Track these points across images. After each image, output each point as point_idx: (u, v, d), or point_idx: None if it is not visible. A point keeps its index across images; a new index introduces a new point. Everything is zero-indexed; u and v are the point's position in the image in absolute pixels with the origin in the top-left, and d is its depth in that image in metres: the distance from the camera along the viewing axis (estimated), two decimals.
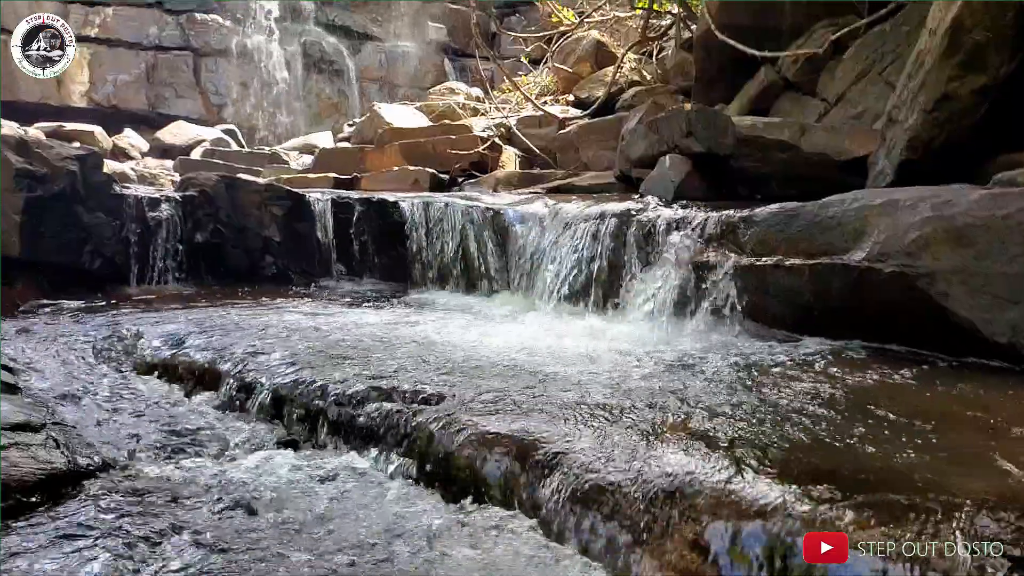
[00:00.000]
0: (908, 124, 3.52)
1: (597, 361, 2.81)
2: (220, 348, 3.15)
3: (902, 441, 1.88)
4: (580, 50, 8.64)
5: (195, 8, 14.99)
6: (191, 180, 5.07)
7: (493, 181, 6.52)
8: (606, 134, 6.69)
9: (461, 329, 3.46)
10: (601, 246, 3.81)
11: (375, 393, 2.42)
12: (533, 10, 15.09)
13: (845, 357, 2.89)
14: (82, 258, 4.48)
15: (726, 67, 6.06)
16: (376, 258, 5.02)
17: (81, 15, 14.44)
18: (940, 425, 2.03)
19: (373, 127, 8.45)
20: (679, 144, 4.47)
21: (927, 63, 3.45)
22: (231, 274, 5.03)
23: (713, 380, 2.52)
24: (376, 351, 3.00)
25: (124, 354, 3.22)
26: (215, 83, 14.76)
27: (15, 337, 3.28)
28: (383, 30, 16.22)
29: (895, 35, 4.80)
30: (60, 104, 13.96)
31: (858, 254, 2.98)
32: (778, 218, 3.33)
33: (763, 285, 3.27)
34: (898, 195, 3.04)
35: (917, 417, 2.11)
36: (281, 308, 4.12)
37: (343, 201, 5.14)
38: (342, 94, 15.65)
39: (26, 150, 4.39)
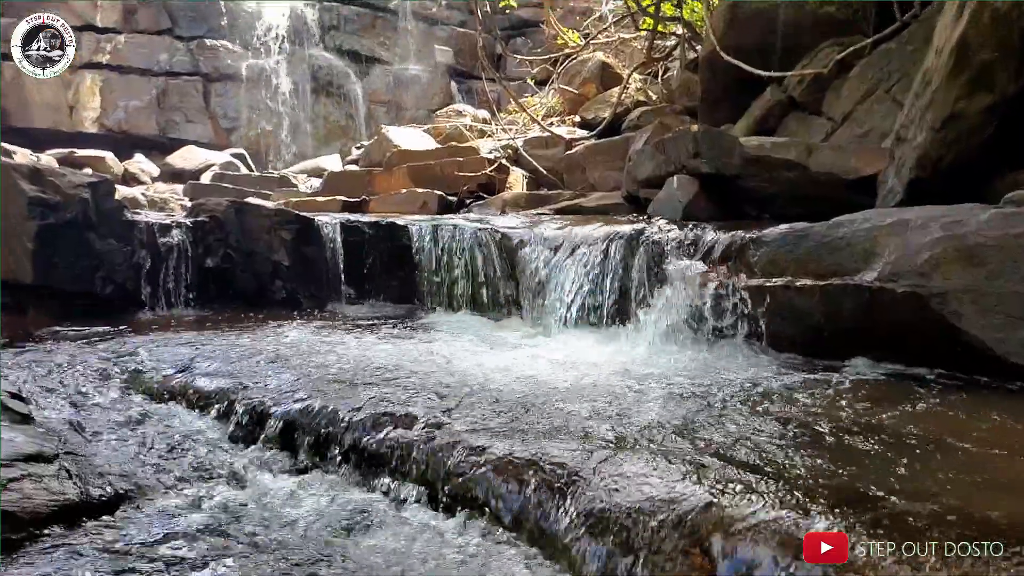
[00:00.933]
0: (917, 142, 3.51)
1: (608, 385, 2.80)
2: (230, 374, 3.15)
3: (921, 465, 1.86)
4: (585, 71, 8.70)
5: (205, 34, 15.20)
6: (201, 206, 5.11)
7: (501, 203, 6.55)
8: (613, 154, 6.72)
9: (471, 353, 3.45)
10: (610, 268, 3.81)
11: (385, 419, 2.42)
12: (538, 32, 15.23)
13: (857, 378, 2.87)
14: (94, 284, 4.51)
15: (731, 87, 6.08)
16: (385, 281, 5.03)
17: (93, 42, 14.66)
18: (956, 447, 2.00)
19: (381, 150, 8.51)
20: (686, 165, 4.48)
21: (934, 82, 3.45)
22: (241, 298, 5.05)
23: (723, 403, 2.51)
24: (386, 376, 2.99)
25: (135, 381, 3.22)
26: (224, 107, 14.93)
27: (28, 365, 3.29)
28: (390, 54, 16.39)
29: (900, 54, 4.81)
30: (72, 130, 14.14)
31: (869, 274, 2.97)
32: (787, 239, 3.33)
33: (773, 306, 3.25)
34: (908, 215, 3.03)
35: (933, 439, 2.09)
36: (290, 333, 4.13)
37: (352, 225, 5.17)
38: (350, 117, 15.80)
39: (39, 178, 4.43)
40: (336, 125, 15.64)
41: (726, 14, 5.89)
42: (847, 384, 2.75)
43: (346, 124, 15.72)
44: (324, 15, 15.84)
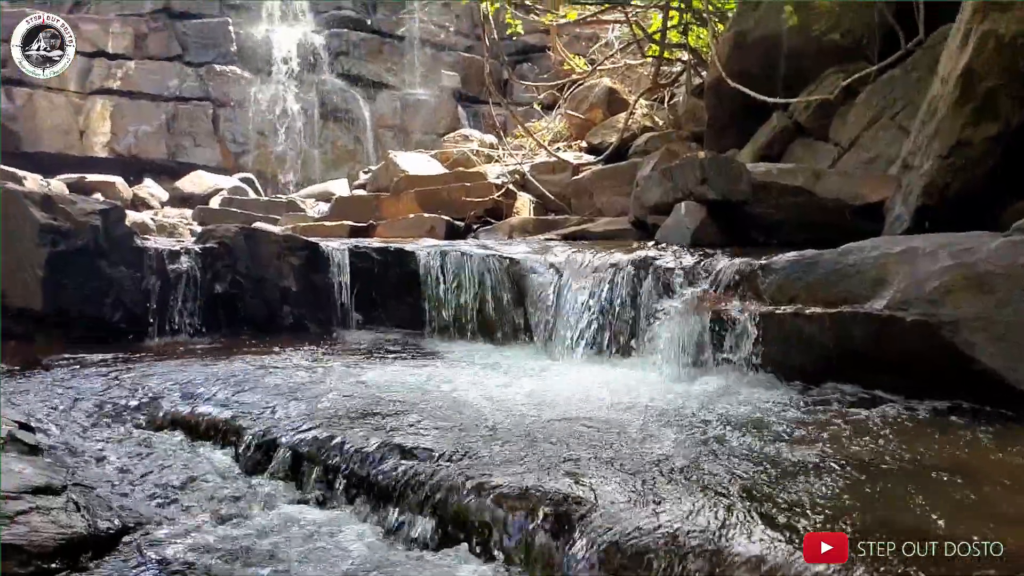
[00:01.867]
0: (924, 170, 3.52)
1: (618, 416, 2.78)
2: (238, 403, 3.15)
3: (936, 497, 1.84)
4: (592, 97, 8.77)
5: (214, 60, 15.40)
6: (211, 232, 5.14)
7: (508, 228, 6.57)
8: (620, 180, 6.75)
9: (479, 382, 3.45)
10: (618, 295, 3.82)
11: (394, 451, 2.41)
12: (544, 58, 15.37)
13: (868, 407, 2.85)
14: (103, 311, 4.52)
15: (737, 113, 6.12)
16: (393, 307, 5.04)
17: (104, 68, 14.87)
18: (971, 479, 1.99)
19: (389, 175, 8.56)
20: (694, 191, 4.50)
21: (940, 110, 3.47)
22: (249, 324, 5.05)
23: (736, 433, 2.49)
24: (394, 405, 2.99)
25: (143, 409, 3.22)
26: (233, 132, 15.08)
27: (37, 393, 3.30)
28: (398, 79, 16.56)
29: (905, 81, 4.84)
30: (82, 155, 14.29)
31: (879, 302, 2.96)
32: (797, 266, 3.33)
33: (783, 334, 3.24)
34: (917, 243, 3.03)
35: (947, 470, 2.07)
36: (299, 359, 4.13)
37: (360, 250, 5.18)
38: (357, 141, 15.93)
39: (50, 205, 4.47)
40: (344, 149, 15.77)
41: (731, 41, 5.94)
42: (859, 414, 2.74)
43: (354, 148, 15.85)
44: (333, 41, 16.04)
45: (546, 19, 8.29)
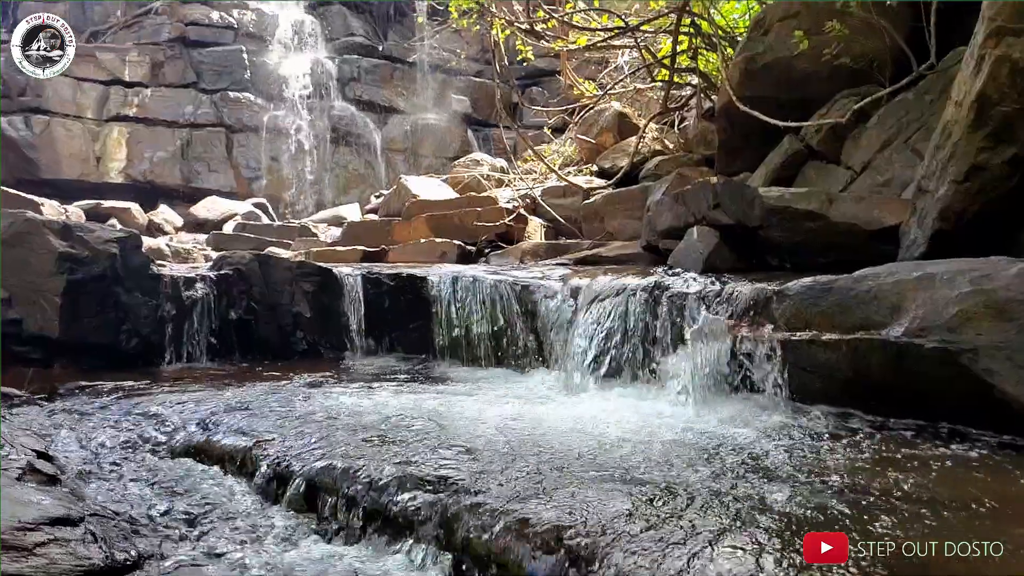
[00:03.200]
0: (939, 194, 3.50)
1: (637, 444, 2.76)
2: (253, 430, 3.15)
3: (951, 528, 1.81)
4: (602, 121, 8.81)
5: (229, 87, 15.62)
6: (226, 259, 5.18)
7: (519, 252, 6.58)
8: (631, 203, 6.76)
9: (494, 409, 3.43)
10: (632, 321, 3.80)
11: (410, 481, 2.39)
12: (554, 82, 15.50)
13: (887, 435, 2.82)
14: (119, 338, 4.55)
15: (749, 136, 6.12)
16: (405, 333, 5.05)
17: (121, 96, 15.11)
18: (996, 512, 1.95)
19: (400, 199, 8.62)
20: (706, 216, 4.49)
21: (955, 134, 3.46)
22: (262, 350, 5.07)
23: (754, 464, 2.47)
24: (409, 432, 2.98)
25: (159, 437, 3.23)
26: (246, 157, 15.26)
27: (54, 421, 3.31)
28: (408, 103, 16.74)
29: (919, 104, 4.83)
30: (99, 180, 14.50)
31: (897, 329, 2.94)
32: (812, 292, 3.31)
33: (799, 360, 3.22)
34: (934, 268, 3.01)
35: (973, 503, 2.03)
36: (312, 385, 4.14)
37: (372, 276, 5.21)
38: (368, 165, 16.07)
39: (69, 234, 4.52)
40: (355, 174, 15.91)
41: (741, 66, 5.96)
42: (878, 442, 2.70)
43: (365, 172, 15.99)
44: (344, 67, 16.26)
45: (556, 45, 8.36)
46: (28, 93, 14.43)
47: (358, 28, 17.20)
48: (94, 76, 14.88)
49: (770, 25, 5.81)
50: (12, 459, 2.51)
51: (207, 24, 15.75)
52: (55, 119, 14.41)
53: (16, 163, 14.14)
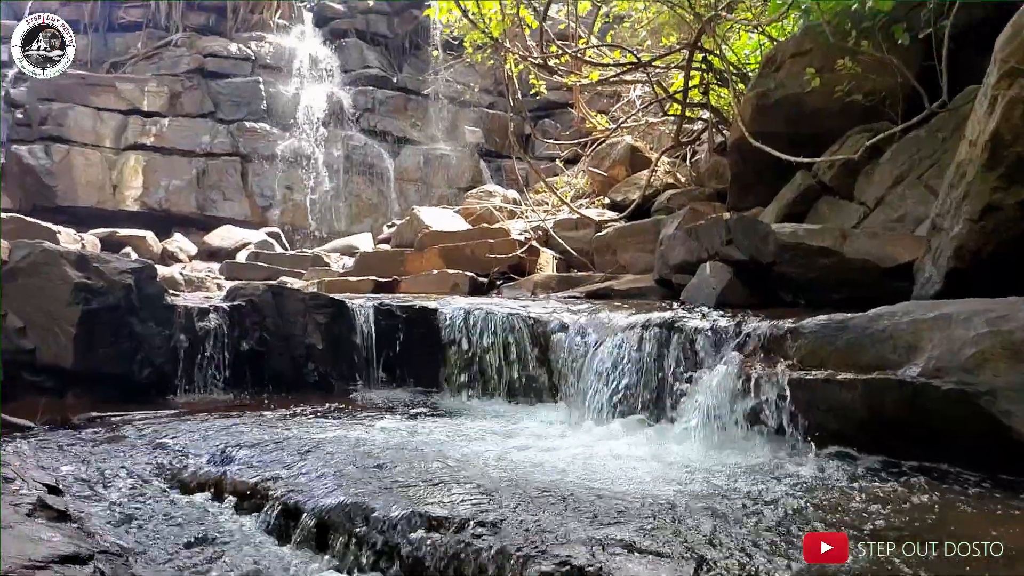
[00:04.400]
0: (954, 233, 3.49)
1: (650, 484, 2.74)
2: (264, 465, 3.14)
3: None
4: (614, 154, 8.86)
5: (245, 117, 15.85)
6: (239, 290, 5.20)
7: (531, 284, 6.58)
8: (643, 237, 6.77)
9: (507, 445, 3.41)
10: (645, 357, 3.79)
11: (422, 520, 2.37)
12: (566, 113, 15.64)
13: (904, 478, 2.78)
14: (132, 368, 4.57)
15: (761, 171, 6.14)
16: (417, 365, 5.04)
17: (139, 125, 15.35)
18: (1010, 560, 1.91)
19: (413, 230, 8.67)
20: (719, 251, 4.50)
21: (969, 173, 3.46)
22: (274, 381, 5.08)
23: (769, 509, 2.43)
24: (421, 468, 2.96)
25: (170, 471, 3.22)
26: (261, 186, 15.42)
27: (65, 454, 3.32)
28: (422, 134, 16.92)
29: (931, 141, 4.85)
30: (115, 208, 14.66)
31: (913, 369, 2.91)
32: (826, 330, 3.29)
33: (814, 399, 3.19)
34: (949, 308, 2.99)
35: (983, 548, 1.99)
36: (324, 419, 4.13)
37: (384, 308, 5.22)
38: (381, 194, 16.20)
39: (85, 264, 4.56)
40: (368, 203, 16.04)
41: (753, 101, 6.00)
42: (895, 484, 2.66)
43: (377, 201, 16.12)
44: (359, 98, 16.48)
45: (569, 80, 8.45)
46: (49, 122, 14.69)
47: (373, 60, 17.46)
48: (114, 106, 15.14)
49: (782, 62, 5.86)
50: (23, 494, 2.51)
51: (225, 56, 16.03)
52: (74, 148, 14.63)
53: (34, 190, 14.34)
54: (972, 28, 4.86)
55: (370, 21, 17.78)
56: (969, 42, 4.84)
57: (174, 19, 16.79)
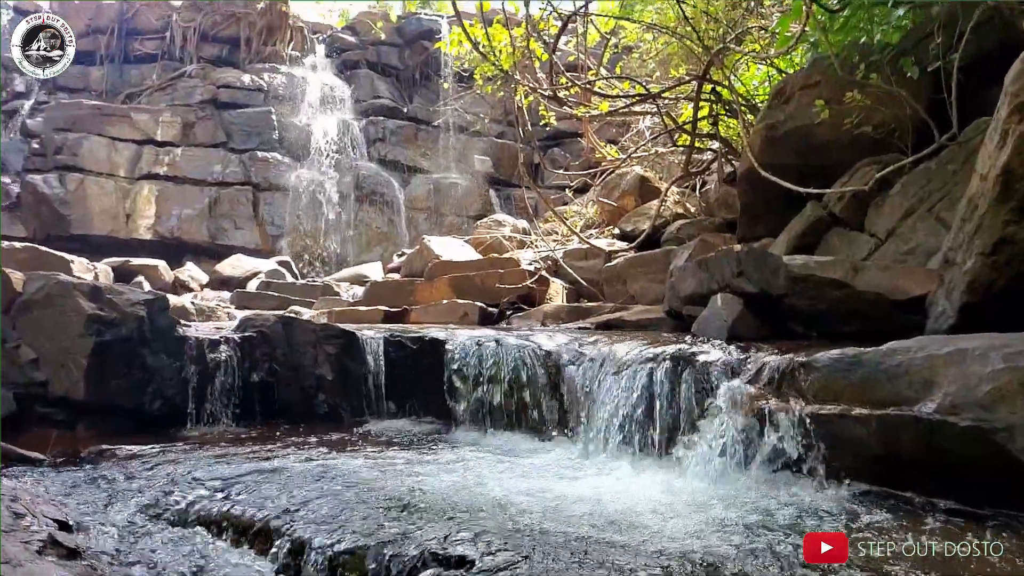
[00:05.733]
0: (967, 267, 3.48)
1: (665, 522, 2.70)
2: (272, 500, 3.12)
3: None
4: (624, 184, 8.90)
5: (257, 147, 16.04)
6: (250, 321, 5.22)
7: (541, 315, 6.58)
8: (653, 267, 6.77)
9: (517, 480, 3.38)
10: (656, 391, 3.76)
11: (432, 561, 2.35)
12: (575, 142, 15.77)
13: (922, 517, 2.74)
14: (143, 400, 4.58)
15: (770, 201, 6.15)
16: (427, 396, 5.02)
17: (153, 155, 15.55)
18: None
19: (423, 259, 8.69)
20: (730, 283, 4.48)
21: (981, 207, 3.45)
22: (284, 413, 5.07)
23: (788, 549, 2.39)
24: (429, 505, 2.94)
25: (179, 506, 3.20)
26: (272, 215, 15.54)
27: (76, 489, 3.31)
28: (431, 163, 17.07)
29: (941, 173, 4.84)
30: (127, 237, 14.81)
31: (929, 405, 2.88)
32: (840, 364, 3.26)
33: (828, 435, 3.16)
34: (965, 343, 2.96)
35: None
36: (332, 451, 4.12)
37: (395, 339, 5.22)
38: (391, 223, 16.30)
39: (98, 295, 4.59)
40: (378, 231, 16.14)
41: (763, 133, 6.03)
42: (913, 523, 2.62)
43: (387, 230, 16.21)
44: (370, 128, 16.67)
45: (579, 111, 8.52)
46: (64, 152, 14.91)
47: (384, 91, 17.69)
48: (128, 136, 15.36)
49: (791, 94, 5.89)
50: (33, 530, 2.51)
51: (238, 86, 16.28)
52: (89, 177, 14.83)
53: (48, 219, 14.51)
54: (981, 60, 4.89)
55: (381, 52, 18.05)
56: (978, 74, 4.87)
57: (189, 51, 17.10)
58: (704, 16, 7.61)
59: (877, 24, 5.31)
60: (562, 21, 7.78)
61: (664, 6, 8.40)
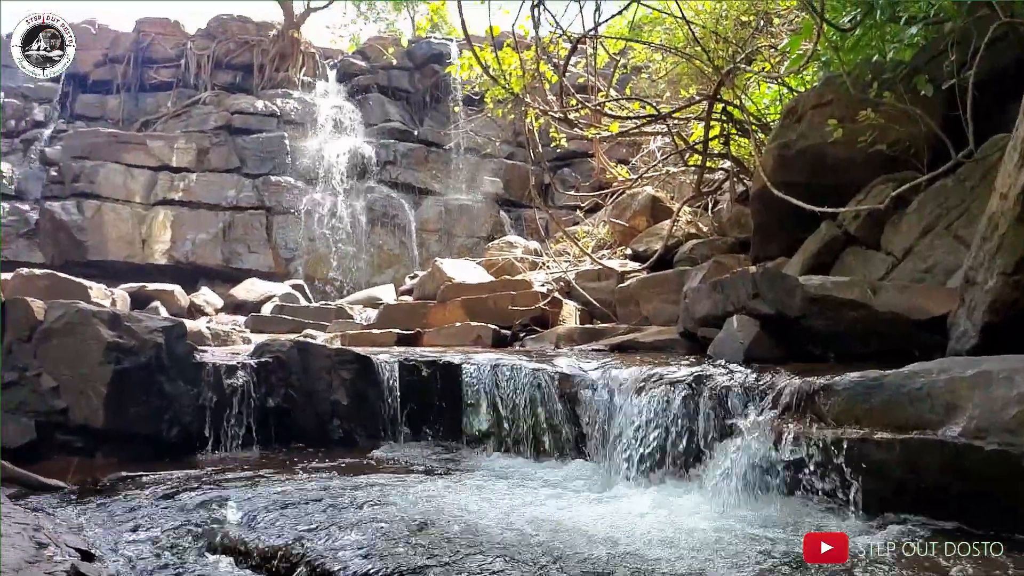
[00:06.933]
0: (988, 287, 3.45)
1: (687, 551, 2.67)
2: (291, 527, 3.12)
3: None
4: (636, 204, 8.91)
5: (271, 171, 16.20)
6: (266, 347, 5.24)
7: (555, 337, 6.56)
8: (666, 287, 6.75)
9: (535, 506, 3.36)
10: (674, 415, 3.73)
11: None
12: (585, 163, 15.82)
13: (939, 541, 2.68)
14: (160, 427, 4.59)
15: (784, 221, 6.13)
16: (442, 421, 5.01)
17: (168, 181, 15.73)
18: None
19: (435, 282, 8.71)
20: (746, 305, 4.46)
21: (1001, 226, 3.43)
22: (299, 437, 5.07)
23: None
24: (451, 534, 2.92)
25: (198, 534, 3.20)
26: (285, 238, 15.66)
27: (96, 517, 3.32)
28: (442, 185, 17.17)
29: (959, 190, 4.82)
30: (143, 262, 14.95)
31: (953, 429, 2.84)
32: (860, 387, 3.22)
33: (850, 460, 3.11)
34: (989, 366, 2.92)
35: None
36: (348, 476, 4.11)
37: (409, 363, 5.21)
38: (403, 245, 16.38)
39: (117, 323, 4.63)
40: (390, 253, 16.21)
41: (775, 152, 6.02)
42: (939, 551, 2.57)
43: (399, 252, 16.29)
44: (381, 151, 16.81)
45: (589, 132, 8.56)
46: (82, 179, 15.12)
47: (395, 114, 17.85)
48: (144, 163, 15.56)
49: (803, 113, 5.89)
50: (57, 560, 2.51)
51: (251, 112, 16.48)
52: (105, 203, 15.01)
53: (66, 245, 14.69)
54: (996, 76, 4.88)
55: (392, 76, 18.25)
56: (992, 91, 4.85)
57: (203, 78, 17.35)
58: (713, 36, 7.65)
59: (889, 42, 5.32)
60: (571, 43, 7.84)
61: (673, 26, 8.45)
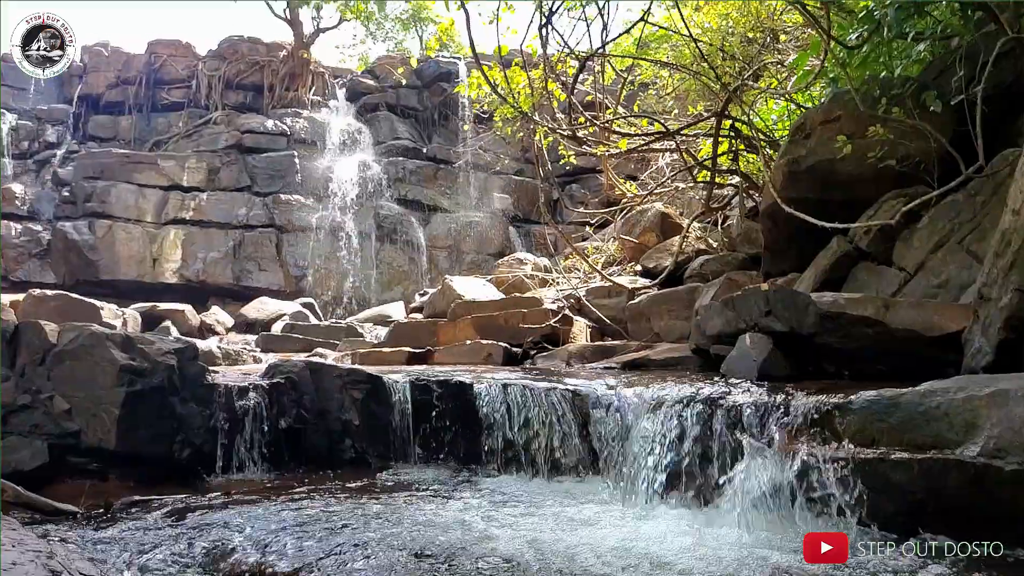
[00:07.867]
0: (1003, 303, 3.42)
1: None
2: (304, 550, 3.11)
3: None
4: (645, 221, 8.91)
5: (280, 189, 16.30)
6: (278, 367, 5.24)
7: (566, 354, 6.55)
8: (677, 304, 6.73)
9: (550, 533, 3.32)
10: (688, 435, 3.71)
11: None
12: (593, 178, 15.85)
13: (963, 563, 2.64)
14: (172, 449, 4.58)
15: (794, 236, 6.12)
16: (454, 442, 4.98)
17: (179, 200, 15.85)
18: None
19: (446, 300, 8.71)
20: (759, 323, 4.44)
21: (1014, 242, 3.41)
22: (311, 459, 5.05)
23: None
24: (468, 560, 2.90)
25: (210, 559, 3.19)
26: (295, 256, 15.74)
27: (109, 543, 3.31)
28: (451, 201, 17.23)
29: (970, 205, 4.80)
30: (154, 281, 15.05)
31: (972, 448, 2.82)
32: (877, 406, 3.20)
33: (867, 480, 3.09)
34: (1006, 384, 2.90)
35: None
36: (360, 498, 4.09)
37: (421, 383, 5.20)
38: (412, 262, 16.43)
39: (130, 345, 4.64)
40: (399, 270, 16.26)
41: (784, 168, 6.02)
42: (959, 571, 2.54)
43: (408, 269, 16.34)
44: (390, 169, 16.90)
45: (598, 150, 8.58)
46: (94, 199, 15.26)
47: (404, 132, 17.97)
48: (155, 182, 15.70)
49: (811, 129, 5.89)
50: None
51: (262, 131, 16.62)
52: (117, 223, 15.14)
53: (77, 265, 14.80)
54: (1004, 91, 4.87)
55: (401, 95, 18.38)
56: (1000, 106, 4.85)
57: (214, 98, 17.53)
58: (720, 53, 7.68)
59: (897, 58, 5.33)
60: (579, 62, 7.88)
61: (680, 43, 8.48)
